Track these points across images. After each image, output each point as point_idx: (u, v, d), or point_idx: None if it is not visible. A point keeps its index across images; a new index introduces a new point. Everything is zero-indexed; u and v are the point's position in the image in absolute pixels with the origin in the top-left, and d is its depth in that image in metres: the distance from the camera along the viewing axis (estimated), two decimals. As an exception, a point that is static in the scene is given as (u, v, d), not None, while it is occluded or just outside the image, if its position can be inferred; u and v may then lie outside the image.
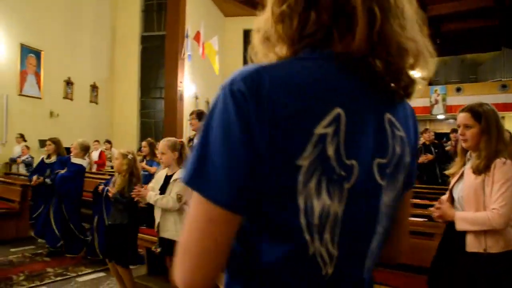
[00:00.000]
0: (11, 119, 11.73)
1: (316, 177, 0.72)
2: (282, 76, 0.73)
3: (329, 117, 0.72)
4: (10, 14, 11.65)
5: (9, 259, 5.65)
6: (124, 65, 16.36)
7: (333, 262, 0.79)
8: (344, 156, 0.74)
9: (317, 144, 0.71)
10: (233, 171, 0.70)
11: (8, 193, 7.23)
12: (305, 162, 0.71)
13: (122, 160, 4.32)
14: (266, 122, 0.69)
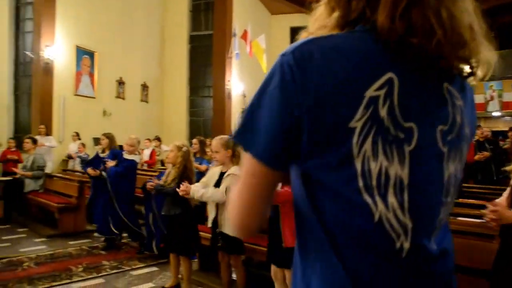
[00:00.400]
0: (68, 118, 12.23)
1: (371, 138, 0.75)
2: (331, 46, 0.77)
3: (380, 81, 0.75)
4: (67, 18, 12.14)
5: (68, 251, 5.89)
6: (173, 65, 16.67)
7: (409, 234, 0.79)
8: (400, 118, 0.76)
9: (368, 106, 0.74)
10: (271, 133, 0.78)
11: (66, 188, 7.54)
12: (358, 124, 0.74)
13: (177, 152, 4.38)
14: (311, 90, 0.75)
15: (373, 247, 0.79)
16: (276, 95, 0.78)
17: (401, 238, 0.78)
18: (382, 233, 0.78)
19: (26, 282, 4.55)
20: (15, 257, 5.47)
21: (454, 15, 0.78)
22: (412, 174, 0.78)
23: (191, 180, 4.35)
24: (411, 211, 0.78)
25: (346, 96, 0.75)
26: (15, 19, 12.71)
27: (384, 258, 0.79)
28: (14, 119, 12.74)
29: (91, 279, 4.79)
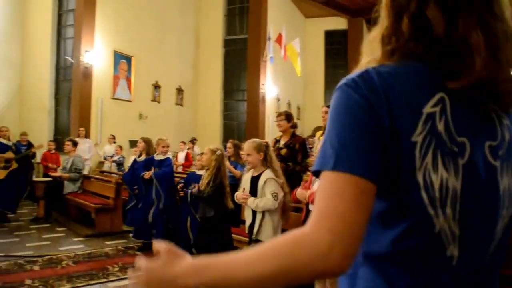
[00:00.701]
0: (105, 121, 12.54)
1: (431, 150, 0.79)
2: (386, 71, 0.83)
3: (434, 99, 0.81)
4: (105, 24, 12.48)
5: (104, 251, 6.01)
6: (208, 69, 16.83)
7: (456, 242, 0.82)
8: (454, 133, 0.81)
9: (427, 121, 0.80)
10: (367, 148, 0.79)
11: (103, 189, 7.70)
12: (419, 138, 0.79)
13: (211, 156, 4.42)
14: (384, 105, 0.79)
15: (429, 258, 0.82)
16: (353, 114, 0.81)
17: (451, 247, 0.82)
18: (439, 243, 0.81)
19: (65, 280, 4.66)
20: (55, 255, 5.62)
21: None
22: (465, 186, 0.81)
23: (224, 184, 4.36)
24: (461, 220, 0.81)
25: (406, 112, 0.80)
26: (57, 25, 13.15)
27: (438, 267, 0.82)
28: (54, 122, 13.16)
29: (127, 279, 4.85)
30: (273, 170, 3.87)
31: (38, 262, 5.29)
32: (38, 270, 4.98)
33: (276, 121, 5.50)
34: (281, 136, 5.46)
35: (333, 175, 0.79)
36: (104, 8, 12.31)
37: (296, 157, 5.13)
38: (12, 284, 4.47)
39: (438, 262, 0.82)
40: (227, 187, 4.48)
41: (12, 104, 12.84)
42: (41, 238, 6.69)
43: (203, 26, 17.07)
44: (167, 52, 15.08)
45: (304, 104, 19.90)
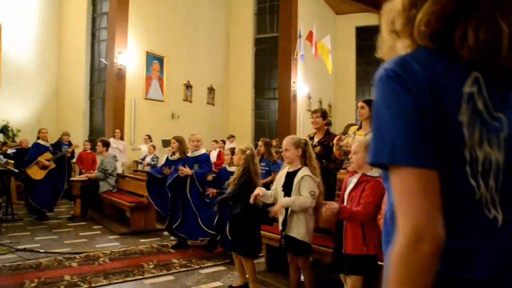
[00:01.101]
0: (138, 121, 12.74)
1: (478, 128, 0.85)
2: (425, 57, 0.88)
3: (470, 78, 0.86)
4: (138, 26, 12.70)
5: (139, 249, 6.08)
6: (239, 68, 16.88)
7: (497, 207, 0.89)
8: (492, 109, 0.87)
9: (469, 101, 0.85)
10: (424, 139, 0.83)
11: (138, 188, 7.80)
12: (465, 118, 0.84)
13: (241, 155, 4.43)
14: (426, 89, 0.84)
15: (471, 222, 0.88)
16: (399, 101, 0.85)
17: (493, 211, 0.88)
18: (479, 209, 0.88)
19: (102, 276, 4.74)
20: (91, 252, 5.73)
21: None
22: (506, 157, 0.88)
23: (253, 182, 4.35)
24: (502, 189, 0.89)
25: (448, 94, 0.85)
26: (91, 28, 13.46)
27: (482, 228, 0.88)
28: (89, 123, 13.47)
29: (161, 276, 4.90)
30: (311, 168, 3.84)
31: (76, 259, 5.40)
32: (76, 267, 5.08)
33: (311, 118, 5.43)
34: (315, 134, 5.39)
35: (399, 171, 0.84)
36: (136, 11, 12.51)
37: (330, 155, 5.05)
38: (53, 279, 4.57)
39: (481, 224, 0.88)
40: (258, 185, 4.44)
41: (50, 106, 13.23)
42: (78, 236, 6.84)
43: (233, 26, 17.12)
44: (198, 52, 15.21)
45: (335, 101, 19.70)
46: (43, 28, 13.01)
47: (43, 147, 8.23)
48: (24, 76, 12.33)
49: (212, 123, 15.59)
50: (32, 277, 4.61)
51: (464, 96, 0.85)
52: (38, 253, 5.63)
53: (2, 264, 5.04)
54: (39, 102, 12.91)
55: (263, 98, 17.03)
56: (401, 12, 0.94)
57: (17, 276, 4.63)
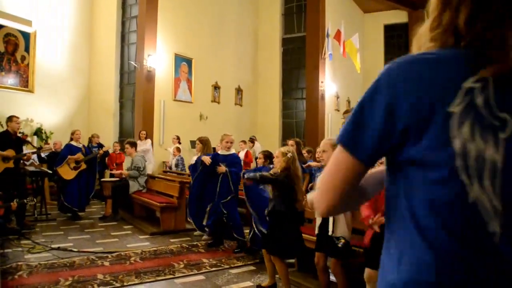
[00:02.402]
0: (167, 123, 12.87)
1: (469, 122, 0.84)
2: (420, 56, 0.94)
3: (476, 76, 0.86)
4: (166, 28, 12.83)
5: (169, 248, 6.13)
6: (266, 68, 16.85)
7: (498, 217, 0.83)
8: (495, 108, 0.85)
9: (466, 95, 0.85)
10: (373, 138, 0.93)
11: (167, 189, 7.88)
12: (457, 109, 0.85)
13: (282, 158, 4.42)
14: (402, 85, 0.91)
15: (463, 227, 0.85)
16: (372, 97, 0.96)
17: (493, 222, 0.83)
18: (475, 214, 0.84)
19: (134, 275, 4.79)
20: (123, 252, 5.80)
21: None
22: (507, 160, 0.83)
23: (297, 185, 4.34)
24: (503, 196, 0.83)
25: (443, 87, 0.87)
26: (121, 32, 13.68)
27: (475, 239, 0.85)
28: (119, 124, 13.69)
29: (192, 276, 4.92)
30: None
31: (108, 258, 5.48)
32: (108, 266, 5.16)
33: (343, 118, 5.38)
34: None
35: (339, 148, 0.99)
36: (165, 13, 12.64)
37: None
38: (86, 278, 4.65)
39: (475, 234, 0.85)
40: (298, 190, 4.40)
41: (81, 108, 13.50)
42: (110, 235, 6.94)
43: (260, 26, 17.11)
44: (226, 53, 15.26)
45: (364, 101, 19.42)
46: (75, 33, 13.32)
47: (75, 148, 8.41)
48: (56, 80, 12.64)
49: (240, 123, 15.60)
50: (66, 275, 4.71)
51: (462, 89, 0.86)
52: (71, 252, 5.75)
53: (38, 262, 5.17)
54: (71, 105, 13.20)
55: (291, 98, 16.95)
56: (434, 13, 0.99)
57: (52, 274, 4.73)
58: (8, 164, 6.96)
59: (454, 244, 0.86)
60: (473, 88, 0.85)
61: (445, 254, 0.86)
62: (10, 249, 5.79)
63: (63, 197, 8.13)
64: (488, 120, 0.85)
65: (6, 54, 11.48)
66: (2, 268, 4.68)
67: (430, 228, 0.88)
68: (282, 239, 4.28)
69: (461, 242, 0.85)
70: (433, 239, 0.87)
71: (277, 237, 4.31)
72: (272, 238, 4.38)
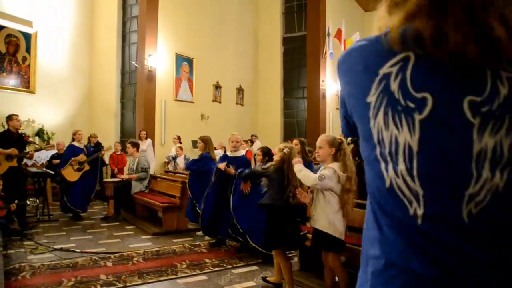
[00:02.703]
0: (168, 122, 12.87)
1: (383, 109, 0.84)
2: (361, 44, 0.92)
3: (395, 58, 0.83)
4: (167, 28, 12.84)
5: (172, 249, 6.13)
6: (267, 67, 16.85)
7: (420, 201, 0.81)
8: (411, 89, 0.81)
9: (381, 81, 0.84)
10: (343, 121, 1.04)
11: (170, 189, 7.88)
12: (373, 98, 0.85)
13: (278, 153, 4.44)
14: (345, 76, 0.94)
15: (389, 211, 0.86)
16: None
17: (414, 205, 0.82)
18: (394, 198, 0.84)
19: (136, 276, 4.79)
20: (125, 252, 5.80)
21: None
22: (423, 142, 0.80)
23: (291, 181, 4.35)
24: (421, 178, 0.81)
25: (364, 76, 0.87)
26: (122, 32, 13.69)
27: (400, 222, 0.84)
28: (120, 125, 13.70)
29: (194, 276, 4.92)
30: (342, 165, 3.80)
31: (111, 259, 5.49)
32: (111, 266, 5.16)
33: None
34: None
35: None
36: (165, 14, 12.65)
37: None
38: (89, 278, 4.65)
39: (398, 217, 0.84)
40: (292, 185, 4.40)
41: (82, 109, 13.52)
42: (112, 236, 6.95)
43: (261, 25, 17.11)
44: (226, 52, 15.26)
45: (365, 100, 19.43)
46: (75, 33, 13.34)
47: (77, 149, 8.41)
48: (57, 81, 12.66)
49: (241, 123, 15.61)
50: (69, 276, 4.71)
51: (378, 77, 0.85)
52: (74, 252, 5.75)
53: (41, 263, 5.18)
54: (72, 105, 13.22)
55: (292, 97, 16.95)
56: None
57: (55, 275, 4.73)
58: (11, 163, 6.96)
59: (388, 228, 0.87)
60: (389, 73, 0.83)
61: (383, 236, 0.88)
62: (13, 250, 5.79)
63: (67, 198, 8.14)
64: (402, 103, 0.82)
65: (7, 55, 11.50)
66: (5, 269, 4.68)
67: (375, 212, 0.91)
68: (279, 231, 4.32)
69: (391, 226, 0.86)
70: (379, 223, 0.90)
71: (275, 230, 4.35)
72: (271, 233, 4.40)
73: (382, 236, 0.88)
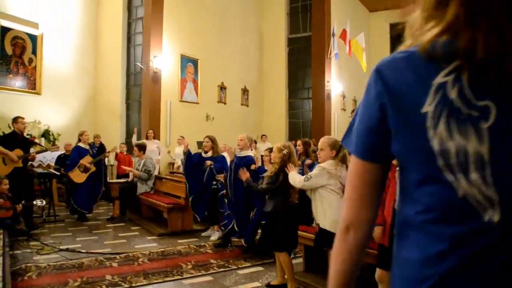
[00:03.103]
0: (173, 123, 12.90)
1: (444, 119, 0.82)
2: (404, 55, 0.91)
3: (448, 68, 0.82)
4: (172, 30, 12.86)
5: (177, 249, 6.14)
6: (272, 68, 16.85)
7: (496, 207, 0.80)
8: (472, 98, 0.80)
9: (437, 91, 0.82)
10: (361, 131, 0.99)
11: (174, 189, 7.89)
12: (430, 108, 0.83)
13: (278, 154, 4.44)
14: (388, 86, 0.90)
15: (459, 221, 0.83)
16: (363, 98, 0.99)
17: (489, 212, 0.80)
18: (467, 207, 0.82)
19: (142, 276, 4.81)
20: (131, 253, 5.82)
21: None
22: (494, 150, 0.79)
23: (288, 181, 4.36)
24: (496, 185, 0.80)
25: (416, 87, 0.86)
26: (127, 34, 13.74)
27: (472, 230, 0.82)
28: (125, 126, 13.74)
29: (200, 276, 4.93)
30: (338, 164, 3.84)
31: (116, 259, 5.51)
32: (116, 267, 5.18)
33: (350, 117, 5.37)
34: None
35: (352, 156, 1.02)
36: (170, 15, 12.67)
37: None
38: (95, 279, 4.67)
39: (471, 225, 0.82)
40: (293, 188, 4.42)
41: (88, 110, 13.56)
42: (117, 237, 6.97)
43: (266, 26, 17.12)
44: (231, 53, 15.27)
45: (370, 100, 19.41)
46: (81, 35, 13.39)
47: (83, 150, 8.44)
48: (63, 82, 12.71)
49: (246, 124, 15.60)
50: (75, 276, 4.73)
51: (433, 87, 0.83)
52: (80, 253, 5.78)
53: (47, 263, 5.20)
54: (78, 107, 13.27)
55: (297, 98, 16.94)
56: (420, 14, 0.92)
57: (61, 275, 4.76)
58: (17, 164, 7.01)
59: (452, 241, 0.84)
60: (445, 83, 0.82)
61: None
62: (19, 250, 5.83)
63: (73, 200, 8.17)
64: (465, 112, 0.81)
65: (14, 56, 11.56)
66: (12, 269, 4.71)
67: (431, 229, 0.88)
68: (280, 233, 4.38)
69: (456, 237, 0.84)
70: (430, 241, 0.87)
71: (277, 232, 4.41)
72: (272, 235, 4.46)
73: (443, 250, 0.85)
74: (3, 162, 6.96)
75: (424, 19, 0.88)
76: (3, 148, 6.93)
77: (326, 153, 3.89)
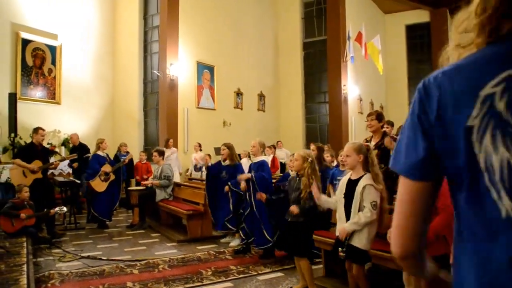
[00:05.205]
0: (191, 130, 12.98)
1: (489, 132, 0.78)
2: (452, 67, 0.87)
3: (497, 79, 0.79)
4: (187, 37, 12.99)
5: (197, 256, 6.15)
6: (288, 73, 16.86)
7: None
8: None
9: (484, 103, 0.79)
10: (409, 149, 0.92)
11: (194, 196, 7.91)
12: (476, 121, 0.80)
13: (303, 164, 4.39)
14: (434, 103, 0.87)
15: (504, 243, 0.79)
16: (408, 118, 0.94)
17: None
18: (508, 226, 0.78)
19: (162, 283, 4.83)
20: (151, 260, 5.85)
21: None
22: None
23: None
24: None
25: (462, 100, 0.82)
26: (144, 42, 13.90)
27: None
28: (143, 133, 13.87)
29: (220, 283, 4.93)
30: (373, 175, 3.72)
31: (137, 266, 5.54)
32: (137, 274, 5.21)
33: (366, 121, 5.31)
34: (372, 137, 5.25)
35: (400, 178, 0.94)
36: (186, 22, 12.79)
37: (389, 158, 4.90)
38: (116, 286, 4.71)
39: None
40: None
41: (106, 118, 13.73)
42: (137, 244, 7.02)
43: (281, 31, 17.14)
44: (247, 59, 15.33)
45: (387, 102, 19.25)
46: (98, 44, 13.59)
47: (101, 158, 8.53)
48: (82, 91, 12.91)
49: (263, 129, 15.61)
50: (97, 283, 4.77)
51: (479, 98, 0.80)
52: (101, 260, 5.83)
53: (69, 270, 5.26)
54: (96, 115, 13.45)
55: (314, 102, 16.90)
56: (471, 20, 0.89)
57: (83, 283, 4.80)
58: (37, 175, 7.14)
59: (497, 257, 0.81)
60: (493, 94, 0.78)
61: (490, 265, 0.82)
62: (42, 257, 5.91)
63: (93, 208, 8.25)
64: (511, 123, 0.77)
65: (34, 68, 11.79)
66: (35, 276, 4.77)
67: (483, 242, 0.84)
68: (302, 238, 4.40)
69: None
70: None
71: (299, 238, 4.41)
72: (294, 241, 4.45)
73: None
74: (23, 174, 7.09)
75: (476, 30, 0.86)
76: (21, 161, 7.07)
77: (353, 159, 3.79)
